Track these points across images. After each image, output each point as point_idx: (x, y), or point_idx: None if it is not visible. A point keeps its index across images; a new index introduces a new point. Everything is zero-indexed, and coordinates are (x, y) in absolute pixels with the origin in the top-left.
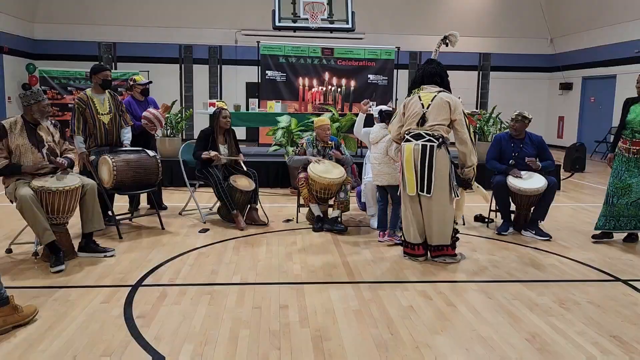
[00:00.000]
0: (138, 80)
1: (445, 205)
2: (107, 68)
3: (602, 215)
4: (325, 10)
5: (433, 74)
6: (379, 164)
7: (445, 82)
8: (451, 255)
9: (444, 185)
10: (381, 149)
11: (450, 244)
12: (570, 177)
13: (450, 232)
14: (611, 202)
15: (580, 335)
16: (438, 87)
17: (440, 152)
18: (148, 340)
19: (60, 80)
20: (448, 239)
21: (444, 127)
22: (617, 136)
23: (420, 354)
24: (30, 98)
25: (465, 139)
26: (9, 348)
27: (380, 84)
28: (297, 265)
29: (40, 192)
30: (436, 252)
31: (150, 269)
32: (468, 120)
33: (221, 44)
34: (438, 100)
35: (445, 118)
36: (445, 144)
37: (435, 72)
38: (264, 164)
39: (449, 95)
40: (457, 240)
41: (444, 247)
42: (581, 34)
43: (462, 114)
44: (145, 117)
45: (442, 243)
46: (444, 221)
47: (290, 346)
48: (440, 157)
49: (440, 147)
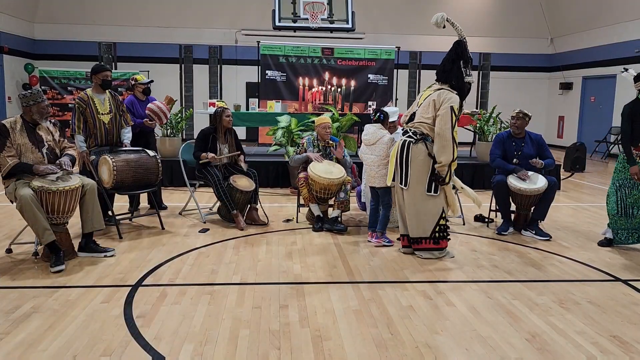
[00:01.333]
0: (140, 80)
1: (421, 198)
2: (107, 68)
3: (622, 228)
4: (325, 10)
5: (439, 71)
6: (377, 166)
7: (452, 73)
8: (429, 249)
9: (420, 179)
10: (379, 151)
11: (431, 238)
12: (570, 177)
13: (431, 227)
14: (631, 214)
15: (580, 335)
16: (442, 84)
17: (417, 148)
18: (148, 340)
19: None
20: (427, 233)
21: (426, 125)
22: (628, 145)
23: (420, 354)
24: (29, 99)
25: (440, 133)
26: (9, 348)
27: (380, 84)
28: (297, 265)
29: (40, 192)
30: (415, 245)
31: (150, 269)
32: (455, 121)
33: (221, 44)
34: (428, 99)
35: (429, 116)
36: (425, 140)
37: (442, 68)
38: (264, 164)
39: (440, 94)
40: (442, 237)
41: (423, 240)
42: (581, 34)
43: (446, 111)
44: (149, 109)
45: (421, 236)
46: (420, 214)
47: (290, 346)
48: (417, 152)
49: (417, 143)
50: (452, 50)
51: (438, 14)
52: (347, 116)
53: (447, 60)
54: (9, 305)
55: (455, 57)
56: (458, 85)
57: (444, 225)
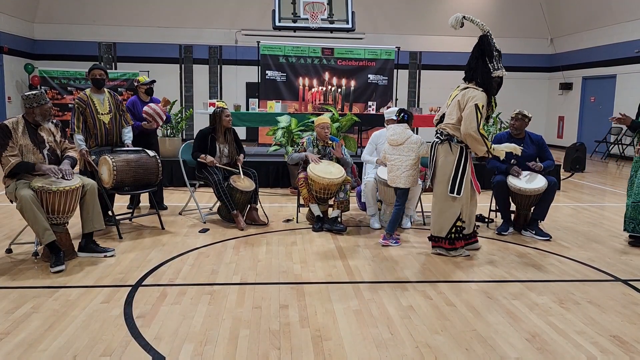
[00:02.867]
0: (142, 81)
1: (442, 198)
2: (97, 67)
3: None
4: (325, 10)
5: (465, 70)
6: (403, 167)
7: (477, 70)
8: (444, 248)
9: (443, 179)
10: (407, 152)
11: (446, 238)
12: (570, 177)
13: (447, 227)
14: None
15: (580, 335)
16: (468, 83)
17: (442, 148)
18: (148, 340)
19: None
20: (443, 233)
21: (451, 125)
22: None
23: (420, 353)
24: (33, 101)
25: (466, 133)
26: (9, 348)
27: (380, 84)
28: (297, 265)
29: (41, 192)
30: (432, 243)
31: (150, 269)
32: (481, 118)
33: (221, 44)
34: (454, 101)
35: (453, 117)
36: (450, 141)
37: (468, 67)
38: (264, 164)
39: (465, 93)
40: (457, 238)
41: (439, 239)
42: (581, 34)
43: (470, 110)
44: (145, 112)
45: (437, 235)
46: (441, 214)
47: (290, 346)
48: (441, 152)
49: (443, 143)
50: (475, 46)
51: (454, 16)
52: (347, 116)
53: (471, 57)
54: (9, 305)
55: (479, 54)
56: (484, 82)
57: (460, 227)
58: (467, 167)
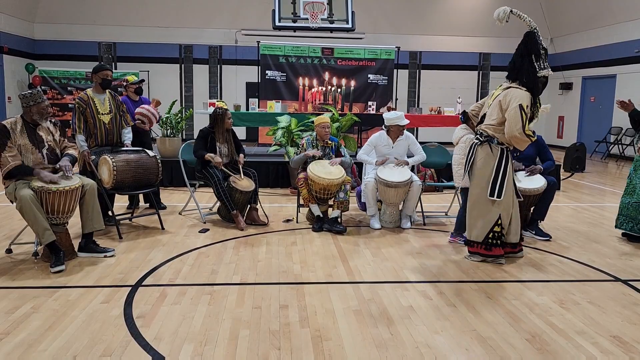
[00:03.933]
0: (130, 80)
1: (481, 202)
2: (107, 68)
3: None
4: (325, 10)
5: (509, 69)
6: (456, 165)
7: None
8: (481, 254)
9: (481, 182)
10: (458, 151)
11: (483, 243)
12: (570, 177)
13: (485, 232)
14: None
15: (580, 335)
16: (512, 82)
17: (480, 149)
18: (148, 340)
19: (60, 80)
20: (479, 238)
21: (492, 127)
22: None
23: (420, 354)
24: (29, 100)
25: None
26: (9, 348)
27: (380, 84)
28: (297, 265)
29: (40, 192)
30: (469, 248)
31: (150, 269)
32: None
33: (221, 44)
34: (496, 101)
35: (494, 118)
36: (490, 142)
37: (512, 65)
38: (264, 164)
39: (507, 93)
40: (495, 244)
41: (475, 244)
42: (581, 34)
43: (514, 112)
44: (139, 113)
45: (473, 239)
46: (476, 217)
47: (290, 346)
48: (480, 154)
49: (482, 145)
50: (521, 43)
51: (501, 8)
52: (347, 116)
53: (516, 55)
54: (9, 305)
55: (525, 52)
56: (529, 82)
57: (498, 233)
58: (509, 170)
